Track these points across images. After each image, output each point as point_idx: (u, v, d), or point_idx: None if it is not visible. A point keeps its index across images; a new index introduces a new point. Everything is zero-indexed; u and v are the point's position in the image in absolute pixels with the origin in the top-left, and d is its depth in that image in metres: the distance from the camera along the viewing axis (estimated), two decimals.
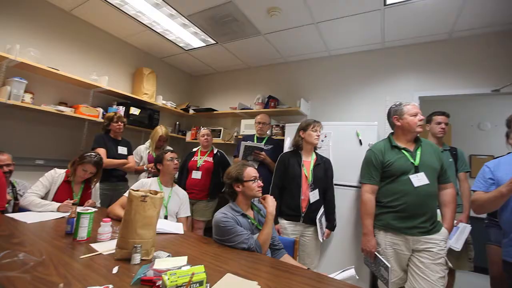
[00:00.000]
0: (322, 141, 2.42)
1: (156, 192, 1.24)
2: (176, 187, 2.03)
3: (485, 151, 3.55)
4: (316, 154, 2.12)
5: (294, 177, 2.01)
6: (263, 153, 2.49)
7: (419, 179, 1.61)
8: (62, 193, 1.87)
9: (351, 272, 1.27)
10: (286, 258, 1.47)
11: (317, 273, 1.21)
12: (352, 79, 3.12)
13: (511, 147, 1.90)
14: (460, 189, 2.18)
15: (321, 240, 1.97)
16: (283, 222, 2.00)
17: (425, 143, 1.75)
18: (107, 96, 3.14)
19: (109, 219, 1.34)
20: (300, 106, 3.03)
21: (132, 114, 3.17)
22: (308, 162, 2.06)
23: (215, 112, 3.74)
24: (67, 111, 2.61)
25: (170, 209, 1.88)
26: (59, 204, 1.75)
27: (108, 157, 2.43)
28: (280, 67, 3.64)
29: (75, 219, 1.29)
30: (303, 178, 2.00)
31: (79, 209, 1.32)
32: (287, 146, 2.60)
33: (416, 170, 1.63)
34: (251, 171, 1.52)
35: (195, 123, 4.12)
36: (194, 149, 2.88)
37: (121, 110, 3.09)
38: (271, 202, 1.48)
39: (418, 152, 1.68)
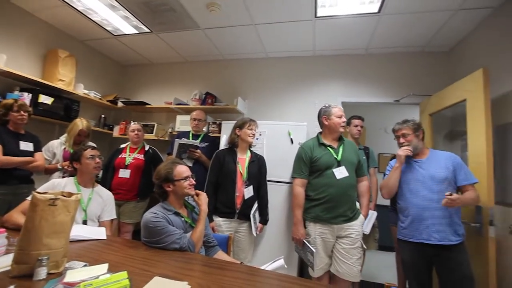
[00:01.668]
0: (257, 139, 2.51)
1: (70, 194, 1.09)
2: (99, 188, 1.81)
3: (390, 151, 4.25)
4: (251, 151, 2.20)
5: (229, 174, 2.03)
6: (198, 150, 2.43)
7: (340, 172, 1.86)
8: None
9: (280, 262, 1.37)
10: (220, 255, 1.48)
11: (249, 267, 1.26)
12: (286, 81, 3.33)
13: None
14: (370, 182, 2.57)
15: (254, 235, 2.06)
16: (218, 220, 2.01)
17: (347, 142, 2.02)
18: (5, 79, 2.56)
19: (3, 229, 1.11)
20: (237, 104, 3.07)
21: (42, 103, 2.66)
22: (243, 159, 2.11)
23: (148, 106, 3.48)
24: None
25: (90, 212, 1.67)
26: None
27: (5, 154, 1.99)
28: (219, 64, 3.62)
29: None
30: (238, 175, 2.04)
31: None
32: (223, 144, 2.61)
33: (339, 164, 1.87)
34: (182, 169, 1.47)
35: (124, 117, 3.73)
36: (122, 146, 2.62)
37: (26, 97, 2.56)
38: (204, 200, 1.47)
39: (341, 149, 1.93)
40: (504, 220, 1.87)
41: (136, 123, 2.64)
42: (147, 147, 2.62)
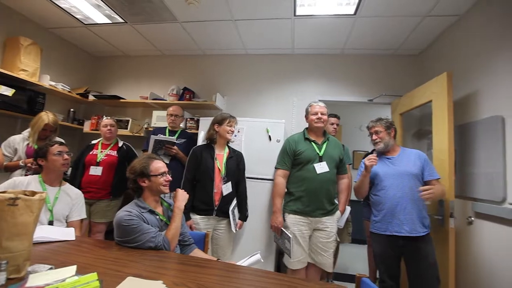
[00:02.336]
0: (235, 135, 2.50)
1: (34, 193, 1.02)
2: (67, 186, 1.71)
3: (364, 148, 4.44)
4: (229, 147, 2.19)
5: (207, 170, 2.01)
6: (175, 147, 2.37)
7: (321, 167, 1.94)
8: None
9: (257, 257, 1.39)
10: (196, 253, 1.47)
11: (226, 263, 1.26)
12: (265, 78, 3.34)
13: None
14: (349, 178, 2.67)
15: (234, 231, 2.06)
16: (196, 218, 1.99)
17: (332, 139, 2.11)
18: None
19: None
20: (216, 100, 3.04)
21: (1, 94, 2.45)
22: (221, 155, 2.10)
23: (122, 100, 3.32)
24: None
25: (57, 212, 1.57)
26: None
27: None
28: (197, 59, 3.55)
29: None
30: (216, 171, 2.02)
31: None
32: (201, 140, 2.58)
33: (320, 159, 1.96)
34: (158, 165, 1.43)
35: (96, 112, 3.54)
36: (94, 141, 2.49)
37: None
38: (180, 196, 1.45)
39: (324, 145, 2.02)
40: (462, 212, 2.03)
41: (109, 118, 2.51)
42: (120, 143, 2.51)
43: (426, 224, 1.75)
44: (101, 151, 2.38)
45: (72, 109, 3.39)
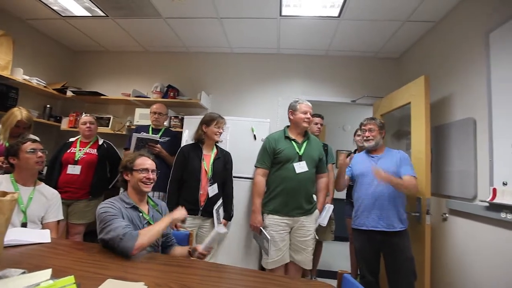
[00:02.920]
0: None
1: (5, 194, 0.96)
2: (42, 186, 1.63)
3: (347, 147, 4.53)
4: (217, 147, 2.17)
5: (194, 171, 1.99)
6: (158, 145, 2.32)
7: (300, 167, 1.93)
8: None
9: (214, 231, 1.33)
10: (176, 250, 1.44)
11: (209, 262, 1.26)
12: (251, 77, 3.34)
13: (355, 144, 2.75)
14: (328, 177, 2.72)
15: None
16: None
17: (312, 138, 2.10)
18: None
19: None
20: (201, 99, 3.00)
21: None
22: (209, 156, 2.08)
23: (103, 97, 3.21)
24: None
25: (31, 213, 1.50)
26: None
27: None
28: (182, 56, 3.49)
29: None
30: (202, 172, 2.00)
31: None
32: (185, 139, 2.54)
33: (300, 159, 1.95)
34: (143, 161, 1.42)
35: (75, 108, 3.39)
36: (72, 139, 2.39)
37: None
38: (179, 212, 1.40)
39: (304, 144, 2.01)
40: (438, 209, 2.14)
41: (88, 115, 2.42)
42: (101, 141, 2.42)
43: (403, 220, 1.83)
44: (80, 149, 2.29)
45: (48, 105, 3.23)
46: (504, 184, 1.53)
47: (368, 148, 2.00)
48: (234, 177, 2.29)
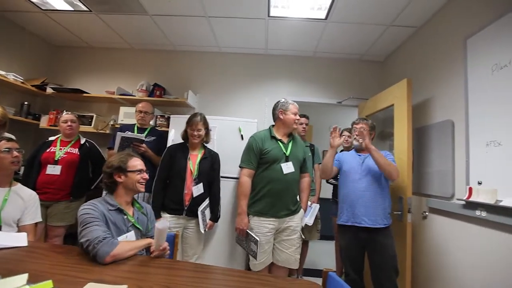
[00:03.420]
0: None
1: None
2: (18, 187, 1.56)
3: None
4: (205, 148, 2.15)
5: (179, 171, 1.97)
6: (143, 145, 2.27)
7: (288, 167, 1.92)
8: None
9: (155, 228, 1.25)
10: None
11: (194, 264, 1.25)
12: (238, 77, 3.34)
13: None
14: (314, 177, 2.76)
15: (202, 232, 2.02)
16: (166, 216, 1.94)
17: (296, 138, 2.11)
18: None
19: None
20: (188, 98, 2.97)
21: None
22: (195, 156, 2.06)
23: (85, 94, 3.10)
24: None
25: (6, 216, 1.43)
26: None
27: None
28: (169, 54, 3.43)
29: None
30: (188, 172, 1.98)
31: None
32: (171, 139, 2.50)
33: (287, 159, 1.94)
34: (137, 162, 1.41)
35: (55, 106, 3.26)
36: (52, 138, 2.30)
37: None
38: (163, 237, 1.30)
39: (290, 145, 2.00)
40: (418, 208, 2.22)
41: (69, 113, 2.33)
42: (83, 140, 2.34)
43: (387, 218, 1.89)
44: (60, 149, 2.20)
45: (26, 102, 3.08)
46: (479, 183, 1.61)
47: (356, 147, 2.07)
48: (222, 177, 2.28)
